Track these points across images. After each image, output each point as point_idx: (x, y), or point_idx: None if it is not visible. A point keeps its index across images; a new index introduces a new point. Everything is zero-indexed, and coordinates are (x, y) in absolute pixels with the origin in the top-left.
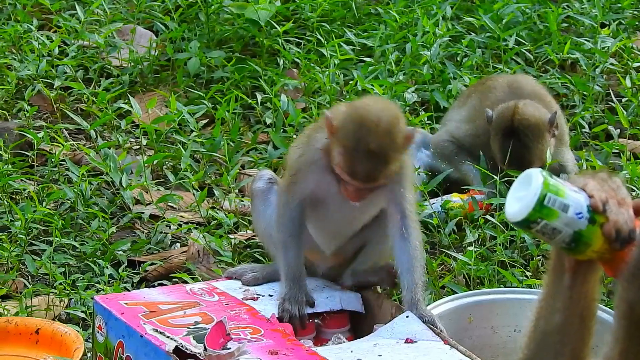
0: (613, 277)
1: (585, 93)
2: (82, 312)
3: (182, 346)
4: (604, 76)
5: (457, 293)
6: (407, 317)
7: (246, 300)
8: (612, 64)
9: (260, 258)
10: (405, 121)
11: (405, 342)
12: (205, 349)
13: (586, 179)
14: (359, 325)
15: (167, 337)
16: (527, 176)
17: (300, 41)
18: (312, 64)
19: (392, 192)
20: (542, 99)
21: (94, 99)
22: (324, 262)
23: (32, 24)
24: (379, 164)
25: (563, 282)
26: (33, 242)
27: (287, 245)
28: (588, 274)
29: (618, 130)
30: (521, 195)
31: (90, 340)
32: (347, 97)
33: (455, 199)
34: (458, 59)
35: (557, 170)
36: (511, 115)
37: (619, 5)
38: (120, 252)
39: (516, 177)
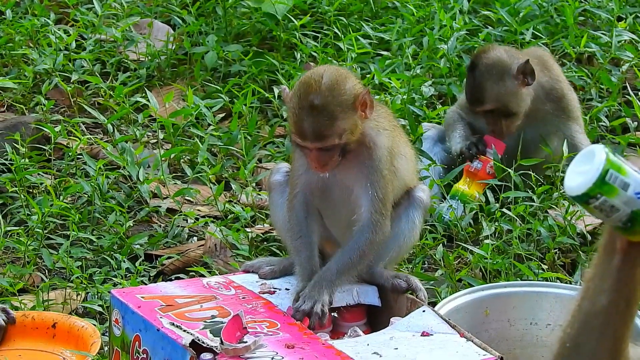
0: None
1: (602, 86)
2: (99, 305)
3: (198, 340)
4: (621, 69)
5: (473, 286)
6: (424, 311)
7: (263, 294)
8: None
9: (277, 251)
10: (361, 85)
11: (421, 335)
12: (221, 343)
13: None
14: (375, 319)
15: (184, 330)
16: (589, 152)
17: (318, 35)
18: (329, 58)
19: (362, 178)
20: (543, 63)
21: (111, 92)
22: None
23: (49, 18)
24: (324, 120)
25: (613, 263)
26: (50, 236)
27: (298, 248)
28: (639, 257)
29: (635, 123)
30: (583, 170)
31: (107, 334)
32: None
33: (463, 186)
34: (475, 52)
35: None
36: (477, 52)
37: None
38: (137, 246)
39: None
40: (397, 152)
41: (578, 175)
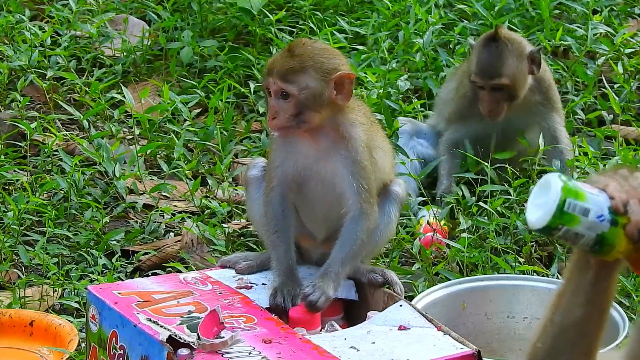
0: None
1: (578, 79)
2: (75, 302)
3: (175, 335)
4: (596, 62)
5: (450, 280)
6: (401, 305)
7: (240, 289)
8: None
9: (254, 246)
10: (348, 69)
11: (398, 329)
12: (198, 338)
13: (606, 178)
14: (352, 313)
15: (161, 326)
16: (545, 182)
17: (293, 30)
18: None
19: (345, 171)
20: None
21: (87, 89)
22: (316, 249)
23: (24, 15)
24: (294, 63)
25: (586, 279)
26: (26, 232)
27: (275, 242)
28: (611, 270)
29: (611, 116)
30: (541, 202)
31: (84, 331)
32: None
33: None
34: (451, 46)
35: (549, 138)
36: (496, 29)
37: None
38: (114, 242)
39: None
40: (375, 146)
41: (537, 208)
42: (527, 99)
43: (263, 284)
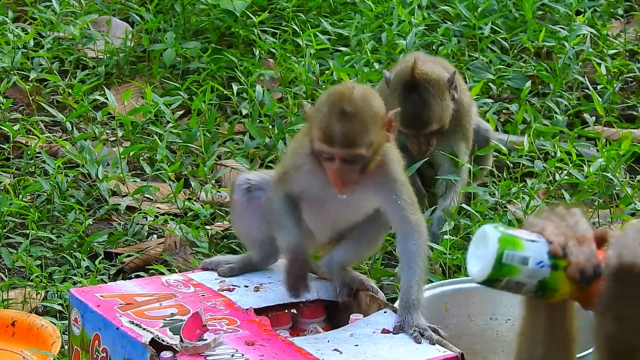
0: (588, 310)
1: (564, 81)
2: (59, 304)
3: (158, 338)
4: (579, 63)
5: (433, 282)
6: (385, 312)
7: (222, 291)
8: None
9: (237, 249)
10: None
11: (381, 332)
12: (181, 341)
13: (543, 221)
14: (334, 315)
15: (144, 329)
16: (482, 233)
17: (276, 31)
18: (288, 54)
19: (384, 192)
20: (447, 69)
21: (70, 91)
22: (312, 245)
23: (7, 16)
24: (355, 127)
25: (540, 317)
26: (9, 235)
27: (284, 223)
28: (564, 305)
29: (594, 118)
30: (480, 254)
31: (67, 333)
32: (323, 86)
33: None
34: (434, 47)
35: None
36: (411, 70)
37: None
38: (97, 244)
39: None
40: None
41: (477, 261)
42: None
43: (245, 286)
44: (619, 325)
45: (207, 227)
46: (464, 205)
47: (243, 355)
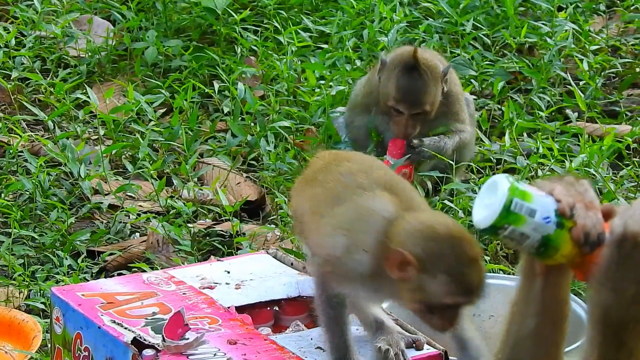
0: (584, 281)
1: (542, 77)
2: (41, 303)
3: (140, 337)
4: (562, 59)
5: None
6: None
7: (203, 289)
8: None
9: (219, 246)
10: None
11: (364, 330)
12: (163, 340)
13: (553, 183)
14: (316, 312)
15: (125, 328)
16: (493, 182)
17: (258, 29)
18: (269, 52)
19: None
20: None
21: (52, 89)
22: None
23: None
24: None
25: (535, 287)
26: None
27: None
28: (559, 278)
29: (576, 114)
30: (488, 202)
31: (49, 332)
32: (305, 83)
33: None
34: (416, 44)
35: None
36: (412, 53)
37: None
38: (79, 243)
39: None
40: None
41: (484, 209)
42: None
43: (226, 283)
44: (616, 296)
45: (190, 225)
46: (446, 202)
47: (225, 354)
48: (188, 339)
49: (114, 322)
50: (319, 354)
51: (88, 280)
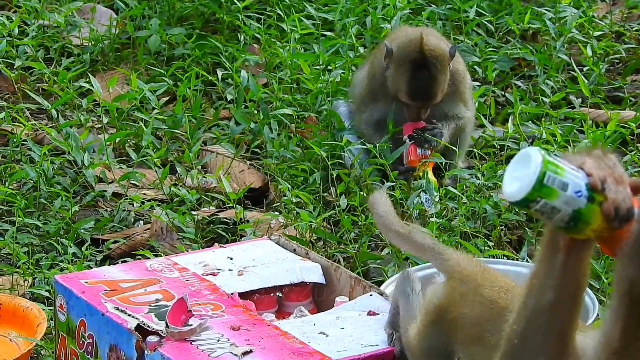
0: (611, 255)
1: (546, 65)
2: (46, 291)
3: (143, 324)
4: (566, 45)
5: (419, 264)
6: (371, 295)
7: (206, 275)
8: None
9: (223, 234)
10: None
11: (367, 315)
12: (167, 326)
13: (583, 156)
14: (320, 298)
15: (129, 315)
16: (525, 154)
17: (261, 16)
18: (272, 39)
19: None
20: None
21: (55, 78)
22: None
23: None
24: None
25: (557, 261)
26: None
27: None
28: (582, 252)
29: (580, 100)
30: (520, 175)
31: (53, 320)
32: (308, 71)
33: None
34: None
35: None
36: (419, 46)
37: None
38: (84, 231)
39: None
40: None
41: (516, 180)
42: None
43: (229, 269)
44: None
45: (193, 212)
46: (450, 188)
47: (229, 340)
48: (191, 325)
49: (118, 309)
50: (322, 339)
51: (92, 268)
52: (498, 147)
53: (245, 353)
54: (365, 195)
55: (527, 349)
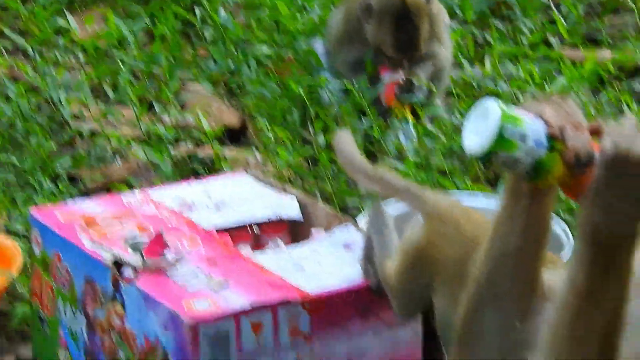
0: (574, 200)
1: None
2: (22, 226)
3: (120, 258)
4: None
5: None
6: (347, 226)
7: (182, 210)
8: None
9: (201, 171)
10: None
11: (344, 248)
12: (143, 260)
13: (541, 105)
14: (295, 230)
15: (105, 249)
16: (483, 108)
17: None
18: None
19: None
20: None
21: (32, 17)
22: None
23: None
24: None
25: (520, 206)
26: None
27: None
28: (545, 197)
29: (559, 41)
30: (479, 129)
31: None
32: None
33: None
34: None
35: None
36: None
37: None
38: (60, 167)
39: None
40: None
41: (475, 135)
42: None
43: (206, 205)
44: (606, 214)
45: (171, 150)
46: (428, 127)
47: (205, 273)
48: (168, 258)
49: (93, 242)
50: (299, 273)
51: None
52: (477, 86)
53: (222, 286)
54: None
55: (495, 293)
